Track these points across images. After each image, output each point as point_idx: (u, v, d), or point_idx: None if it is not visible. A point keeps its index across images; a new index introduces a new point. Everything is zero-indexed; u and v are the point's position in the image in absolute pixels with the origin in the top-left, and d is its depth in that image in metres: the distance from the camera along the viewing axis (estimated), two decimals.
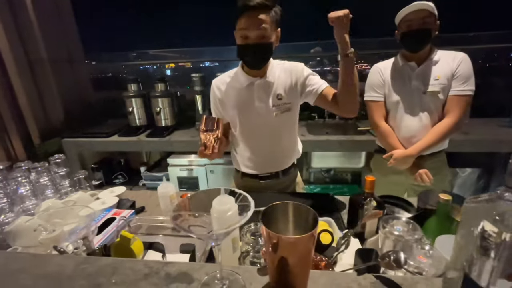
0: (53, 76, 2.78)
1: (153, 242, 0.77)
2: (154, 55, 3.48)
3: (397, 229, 0.61)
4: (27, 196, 0.93)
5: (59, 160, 1.08)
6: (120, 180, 2.55)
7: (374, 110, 1.42)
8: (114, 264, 0.54)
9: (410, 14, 1.23)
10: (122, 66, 3.55)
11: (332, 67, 3.30)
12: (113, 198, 1.09)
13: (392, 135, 1.38)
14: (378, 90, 1.38)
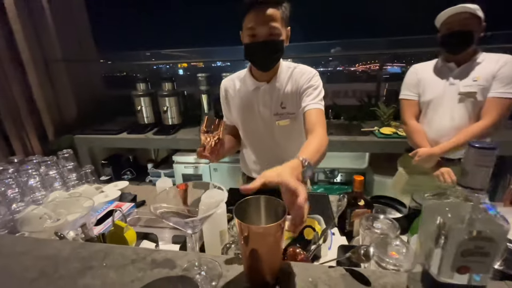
0: (67, 75, 2.91)
1: (148, 233, 0.81)
2: (166, 55, 3.58)
3: (377, 226, 0.63)
4: (36, 187, 1.00)
5: (67, 154, 1.15)
6: (128, 176, 2.65)
7: (406, 108, 1.44)
8: (106, 249, 0.59)
9: (451, 17, 1.21)
10: (133, 65, 3.67)
11: (352, 66, 3.30)
12: (115, 191, 1.15)
13: (420, 133, 1.39)
14: (411, 90, 1.41)
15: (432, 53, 2.72)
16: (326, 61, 3.62)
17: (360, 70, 3.57)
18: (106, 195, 1.11)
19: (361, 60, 3.51)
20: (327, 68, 3.78)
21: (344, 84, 3.17)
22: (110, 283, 0.51)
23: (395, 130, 2.08)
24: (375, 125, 2.24)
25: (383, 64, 2.95)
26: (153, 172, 2.46)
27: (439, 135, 1.35)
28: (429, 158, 1.32)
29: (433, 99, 1.35)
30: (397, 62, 3.55)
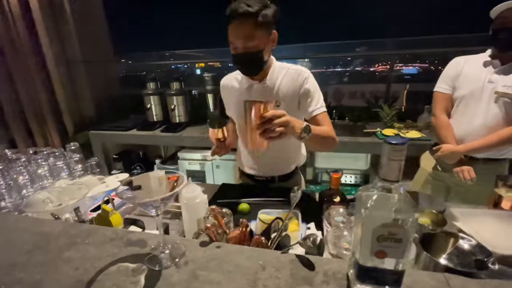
0: (86, 75, 3.10)
1: (136, 219, 0.89)
2: (182, 55, 3.72)
3: (337, 219, 0.66)
4: (45, 175, 1.11)
5: (74, 147, 1.26)
6: (138, 170, 2.78)
7: (438, 101, 1.42)
8: (91, 229, 0.67)
9: (507, 11, 1.16)
10: (148, 65, 3.84)
11: (377, 66, 3.28)
12: (115, 182, 1.25)
13: (447, 128, 1.36)
14: (448, 82, 1.37)
15: (447, 53, 2.66)
16: (336, 62, 3.61)
17: (371, 71, 3.53)
18: (106, 185, 1.21)
19: (375, 61, 3.47)
20: (336, 68, 3.76)
21: (353, 85, 3.14)
22: (89, 256, 0.58)
23: (397, 132, 2.06)
24: (378, 127, 2.22)
25: (393, 65, 2.90)
26: (160, 167, 2.58)
27: (467, 132, 1.31)
28: (452, 155, 1.30)
29: (468, 94, 1.30)
30: (411, 63, 3.48)
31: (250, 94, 1.11)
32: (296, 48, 3.50)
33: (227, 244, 0.60)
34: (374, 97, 2.70)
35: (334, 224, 0.66)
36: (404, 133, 2.03)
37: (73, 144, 1.26)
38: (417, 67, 3.27)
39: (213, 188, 1.33)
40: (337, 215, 0.67)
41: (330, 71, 3.77)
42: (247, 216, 1.08)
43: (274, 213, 0.96)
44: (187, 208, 0.81)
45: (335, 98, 2.97)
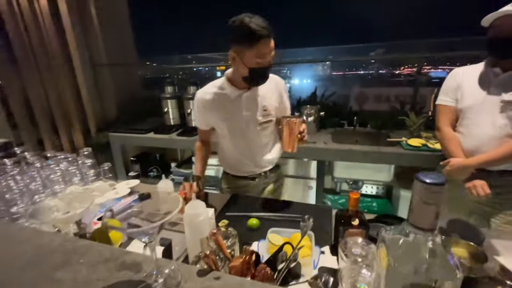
0: (110, 78, 3.20)
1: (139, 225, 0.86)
2: (204, 58, 3.75)
3: (354, 251, 0.58)
4: (57, 181, 1.11)
5: (87, 152, 1.26)
6: (154, 173, 2.81)
7: (441, 114, 1.36)
8: (88, 246, 0.64)
9: (500, 19, 1.12)
10: (169, 69, 3.90)
11: (391, 69, 3.13)
12: (126, 189, 1.23)
13: (453, 142, 1.29)
14: (450, 95, 1.32)
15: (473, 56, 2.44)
16: (380, 64, 3.45)
17: (396, 73, 3.34)
18: (116, 192, 1.20)
19: (401, 64, 3.29)
20: (360, 71, 3.61)
21: (377, 88, 2.97)
22: (79, 279, 0.54)
23: (425, 142, 1.90)
24: (403, 135, 2.07)
25: (421, 68, 2.71)
26: (176, 171, 2.58)
27: (476, 145, 1.22)
28: (462, 169, 1.21)
29: (472, 105, 1.24)
30: (442, 65, 3.25)
31: (240, 102, 1.20)
32: (318, 51, 3.40)
33: (227, 275, 0.54)
34: (400, 102, 2.54)
35: (350, 256, 0.57)
36: (432, 144, 1.87)
37: (86, 149, 1.26)
38: (447, 70, 3.04)
39: (222, 199, 1.28)
40: (355, 246, 0.58)
41: (352, 74, 3.62)
42: (257, 233, 1.01)
43: (286, 233, 0.88)
44: (190, 226, 0.76)
45: (357, 102, 2.83)
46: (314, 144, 2.05)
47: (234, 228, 1.04)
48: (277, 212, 1.11)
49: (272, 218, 1.08)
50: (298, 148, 1.14)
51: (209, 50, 3.58)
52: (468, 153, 1.24)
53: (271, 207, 1.17)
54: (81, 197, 1.07)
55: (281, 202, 1.25)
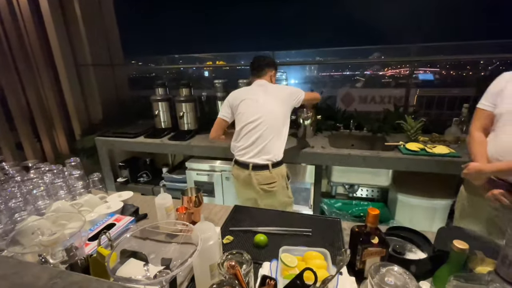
0: (95, 79, 3.04)
1: (137, 251, 0.77)
2: (190, 58, 3.63)
3: (388, 282, 0.52)
4: (41, 196, 1.00)
5: (74, 163, 1.15)
6: (144, 178, 2.68)
7: (476, 117, 1.34)
8: (81, 282, 0.55)
9: None
10: (156, 69, 3.76)
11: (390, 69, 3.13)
12: (118, 203, 1.13)
13: (480, 146, 1.27)
14: (489, 99, 1.28)
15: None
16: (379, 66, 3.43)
17: (389, 75, 3.36)
18: (108, 206, 1.10)
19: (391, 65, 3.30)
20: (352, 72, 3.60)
21: (371, 89, 2.96)
22: None
23: (423, 146, 1.89)
24: (400, 139, 2.06)
25: (413, 70, 2.73)
26: (167, 177, 2.47)
27: (500, 152, 1.20)
28: (478, 174, 1.20)
29: (507, 112, 1.20)
30: (430, 67, 3.29)
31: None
32: (309, 53, 3.37)
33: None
34: (394, 105, 2.54)
35: (383, 286, 0.52)
36: (430, 148, 1.86)
37: (73, 160, 1.15)
38: (434, 73, 3.09)
39: (224, 210, 1.20)
40: (389, 275, 0.53)
41: (340, 75, 3.61)
42: (264, 250, 0.94)
43: (298, 252, 0.82)
44: (200, 253, 0.68)
45: (344, 103, 2.81)
46: (312, 149, 2.00)
47: (240, 244, 0.98)
48: (284, 226, 1.05)
49: (280, 233, 1.01)
50: (296, 153, 1.10)
51: (197, 50, 3.48)
52: (492, 159, 1.22)
53: (276, 220, 1.10)
54: (69, 215, 0.97)
55: (287, 214, 1.19)
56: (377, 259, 0.76)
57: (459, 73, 3.05)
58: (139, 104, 3.24)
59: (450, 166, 1.77)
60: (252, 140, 1.56)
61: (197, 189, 1.12)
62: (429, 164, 1.80)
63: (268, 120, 1.55)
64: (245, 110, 1.59)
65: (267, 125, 1.55)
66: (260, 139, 1.55)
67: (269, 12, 11.05)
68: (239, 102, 1.62)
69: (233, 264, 0.55)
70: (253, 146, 1.56)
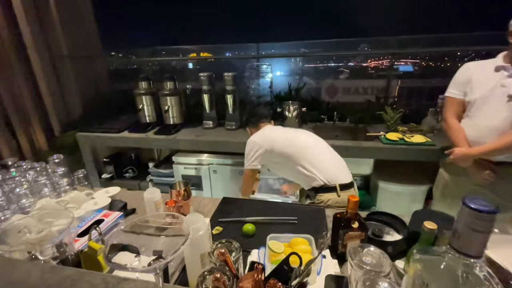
0: (73, 71, 2.92)
1: (128, 244, 0.78)
2: (173, 50, 3.55)
3: (366, 261, 0.57)
4: (25, 194, 0.98)
5: (58, 160, 1.13)
6: (130, 174, 2.65)
7: (449, 106, 1.45)
8: (74, 276, 0.56)
9: None
10: (138, 61, 3.65)
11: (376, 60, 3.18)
12: (106, 199, 1.13)
13: (458, 132, 1.39)
14: (459, 88, 1.40)
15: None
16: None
17: (372, 66, 3.43)
18: (95, 203, 1.09)
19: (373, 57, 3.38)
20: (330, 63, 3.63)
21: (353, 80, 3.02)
22: None
23: (402, 136, 1.99)
24: (381, 130, 2.15)
25: (394, 61, 2.82)
26: (154, 171, 2.46)
27: (479, 135, 1.33)
28: (464, 157, 1.33)
29: (479, 98, 1.32)
30: (411, 59, 3.39)
31: None
32: (294, 45, 3.39)
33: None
34: (376, 97, 2.63)
35: (361, 265, 0.57)
36: (408, 137, 1.96)
37: (57, 157, 1.13)
38: (414, 65, 3.20)
39: (212, 203, 1.23)
40: (367, 255, 0.58)
41: (325, 67, 3.65)
42: (253, 239, 0.98)
43: (285, 239, 0.87)
44: (191, 243, 0.71)
45: (329, 94, 2.86)
46: None
47: (229, 234, 1.01)
48: (271, 215, 1.09)
49: (267, 222, 1.05)
50: None
51: (180, 41, 3.41)
52: (471, 143, 1.34)
53: (263, 210, 1.14)
54: (55, 212, 0.96)
55: (274, 203, 1.23)
56: (357, 242, 0.81)
57: (437, 64, 3.18)
58: (121, 98, 3.16)
59: (427, 154, 1.88)
60: None
61: (185, 182, 1.13)
62: (407, 152, 1.90)
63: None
64: None
65: None
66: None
67: (254, 3, 11.00)
68: None
69: (223, 251, 0.58)
70: None
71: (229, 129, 2.40)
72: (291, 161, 1.46)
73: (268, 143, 1.50)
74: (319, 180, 1.41)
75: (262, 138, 1.52)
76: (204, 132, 2.34)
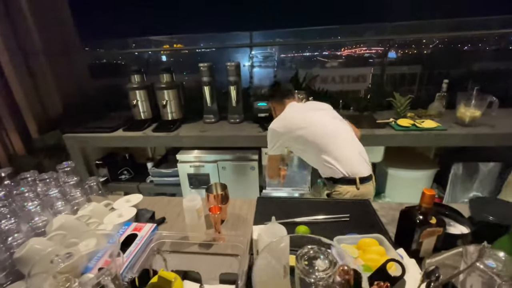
0: (49, 67, 2.63)
1: (188, 270, 0.66)
2: (151, 41, 3.28)
3: (490, 264, 0.51)
4: (36, 212, 0.82)
5: (68, 168, 0.96)
6: (126, 176, 2.45)
7: None
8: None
9: None
10: (121, 54, 3.36)
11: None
12: (130, 209, 0.98)
13: None
14: None
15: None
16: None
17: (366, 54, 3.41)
18: (119, 215, 0.94)
19: None
20: None
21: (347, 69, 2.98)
22: None
23: (413, 122, 1.98)
24: (389, 116, 2.13)
25: (387, 49, 2.81)
26: (154, 172, 2.27)
27: None
28: None
29: None
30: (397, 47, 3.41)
31: None
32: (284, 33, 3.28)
33: None
34: (377, 84, 2.62)
35: (481, 270, 0.50)
36: (419, 123, 1.96)
37: (67, 164, 0.96)
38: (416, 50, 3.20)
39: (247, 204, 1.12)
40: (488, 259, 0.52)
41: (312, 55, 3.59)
42: None
43: (351, 240, 0.79)
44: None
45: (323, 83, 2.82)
46: None
47: None
48: (315, 214, 1.01)
49: (318, 222, 0.97)
50: None
51: (152, 32, 3.15)
52: None
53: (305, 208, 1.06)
54: (76, 230, 0.82)
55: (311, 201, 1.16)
56: (434, 239, 0.76)
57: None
58: (107, 95, 2.89)
59: (438, 139, 1.90)
60: None
61: (223, 184, 1.02)
62: (420, 138, 1.90)
63: None
64: None
65: None
66: None
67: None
68: None
69: (346, 269, 0.48)
70: None
71: (233, 122, 2.27)
72: (313, 150, 1.43)
73: (288, 133, 1.44)
74: (339, 172, 1.38)
75: (284, 125, 1.46)
76: (207, 127, 2.19)
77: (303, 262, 0.56)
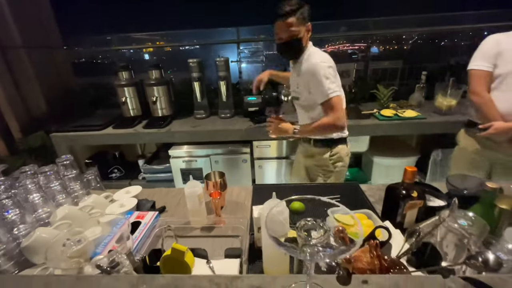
0: (29, 63, 2.54)
1: (195, 248, 0.71)
2: (135, 38, 3.24)
3: (462, 223, 0.59)
4: (39, 204, 0.83)
5: (67, 162, 0.97)
6: (117, 174, 2.43)
7: (478, 79, 1.37)
8: (176, 282, 0.49)
9: None
10: (104, 51, 3.29)
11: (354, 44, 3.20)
12: (131, 199, 1.01)
13: (493, 106, 1.34)
14: (488, 60, 1.34)
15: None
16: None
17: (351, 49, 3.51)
18: (121, 205, 0.97)
19: None
20: None
21: None
22: None
23: (395, 112, 2.10)
24: (373, 107, 2.24)
25: (369, 45, 2.93)
26: (147, 168, 2.28)
27: (510, 108, 1.30)
28: (505, 131, 1.29)
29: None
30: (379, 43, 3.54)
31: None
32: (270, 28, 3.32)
33: (375, 277, 0.49)
34: (360, 78, 2.72)
35: (454, 228, 0.58)
36: (401, 113, 2.08)
37: (67, 157, 0.97)
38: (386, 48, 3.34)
39: (244, 191, 1.17)
40: (460, 218, 0.59)
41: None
42: (304, 215, 0.96)
43: (345, 212, 0.86)
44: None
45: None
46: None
47: None
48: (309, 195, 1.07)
49: (312, 200, 1.04)
50: None
51: (134, 29, 3.11)
52: (504, 116, 1.32)
53: (299, 191, 1.13)
54: (80, 220, 0.84)
55: (305, 185, 1.22)
56: (416, 211, 0.84)
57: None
58: (92, 92, 2.84)
59: (419, 127, 2.02)
60: None
61: (221, 173, 1.07)
62: (402, 127, 2.02)
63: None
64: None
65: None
66: None
67: None
68: None
69: (341, 229, 0.55)
70: None
71: (223, 117, 2.30)
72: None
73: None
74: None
75: (328, 59, 1.31)
76: (199, 123, 2.22)
77: (303, 232, 0.62)
